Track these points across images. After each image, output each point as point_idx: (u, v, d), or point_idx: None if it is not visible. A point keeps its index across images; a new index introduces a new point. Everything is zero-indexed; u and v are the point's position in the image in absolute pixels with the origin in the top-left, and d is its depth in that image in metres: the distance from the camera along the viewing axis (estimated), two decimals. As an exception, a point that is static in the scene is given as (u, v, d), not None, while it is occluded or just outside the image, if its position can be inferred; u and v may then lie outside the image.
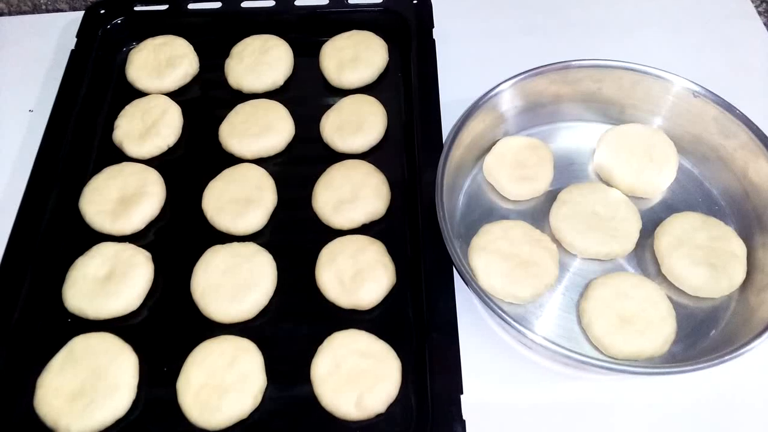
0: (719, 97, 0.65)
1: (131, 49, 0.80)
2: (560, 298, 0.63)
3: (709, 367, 0.52)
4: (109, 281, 0.61)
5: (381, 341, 0.58)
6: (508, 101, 0.68)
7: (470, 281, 0.56)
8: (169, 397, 0.57)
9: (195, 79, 0.79)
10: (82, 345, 0.58)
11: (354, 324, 0.60)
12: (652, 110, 0.70)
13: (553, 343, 0.53)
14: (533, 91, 0.68)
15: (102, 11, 0.80)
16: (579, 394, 0.59)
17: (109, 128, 0.74)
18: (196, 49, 0.79)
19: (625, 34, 0.84)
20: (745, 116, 0.64)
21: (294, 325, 0.61)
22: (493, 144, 0.70)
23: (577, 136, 0.72)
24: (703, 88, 0.66)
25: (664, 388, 0.59)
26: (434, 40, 0.75)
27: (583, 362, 0.52)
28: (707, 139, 0.67)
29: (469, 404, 0.53)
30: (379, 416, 0.56)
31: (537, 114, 0.71)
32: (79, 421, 0.55)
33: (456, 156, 0.63)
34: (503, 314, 0.54)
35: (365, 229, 0.66)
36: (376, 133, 0.72)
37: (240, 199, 0.66)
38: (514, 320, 0.53)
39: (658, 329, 0.58)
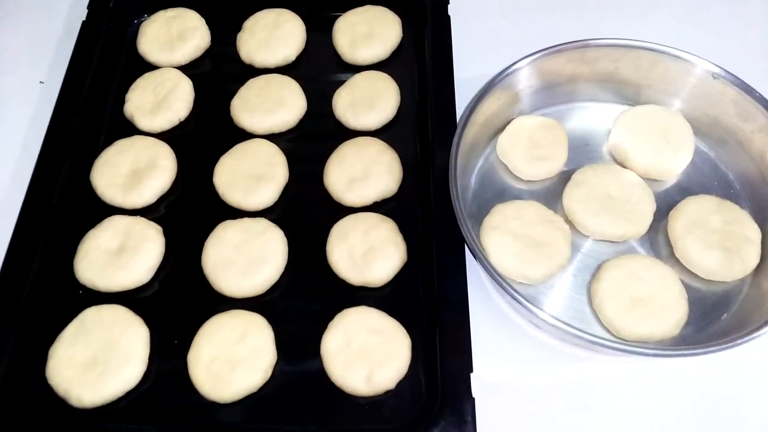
0: (739, 78, 0.64)
1: (142, 21, 0.79)
2: (571, 279, 0.63)
3: (720, 350, 0.52)
4: (121, 254, 0.62)
5: (391, 318, 0.58)
6: (524, 80, 0.67)
7: (483, 260, 0.56)
8: (179, 369, 0.57)
9: (206, 53, 0.78)
10: (93, 317, 0.59)
11: (364, 301, 0.60)
12: (669, 91, 0.69)
13: (564, 323, 0.52)
14: (550, 70, 0.67)
15: (113, -18, 0.79)
16: (588, 375, 0.59)
17: (120, 101, 0.73)
18: (207, 23, 0.78)
19: (643, 12, 0.82)
20: (765, 99, 0.63)
21: (304, 301, 0.61)
22: (507, 123, 0.69)
23: (592, 116, 0.72)
24: (723, 69, 0.65)
25: (674, 370, 0.59)
26: (449, 16, 0.74)
27: (593, 342, 0.52)
28: (725, 122, 0.66)
29: (479, 383, 0.53)
30: (388, 392, 0.56)
31: (552, 93, 0.70)
32: (91, 392, 0.55)
33: (470, 135, 0.63)
34: (515, 293, 0.54)
35: (376, 207, 0.66)
36: (389, 110, 0.71)
37: (252, 175, 0.66)
38: (526, 300, 0.53)
39: (670, 312, 0.57)
